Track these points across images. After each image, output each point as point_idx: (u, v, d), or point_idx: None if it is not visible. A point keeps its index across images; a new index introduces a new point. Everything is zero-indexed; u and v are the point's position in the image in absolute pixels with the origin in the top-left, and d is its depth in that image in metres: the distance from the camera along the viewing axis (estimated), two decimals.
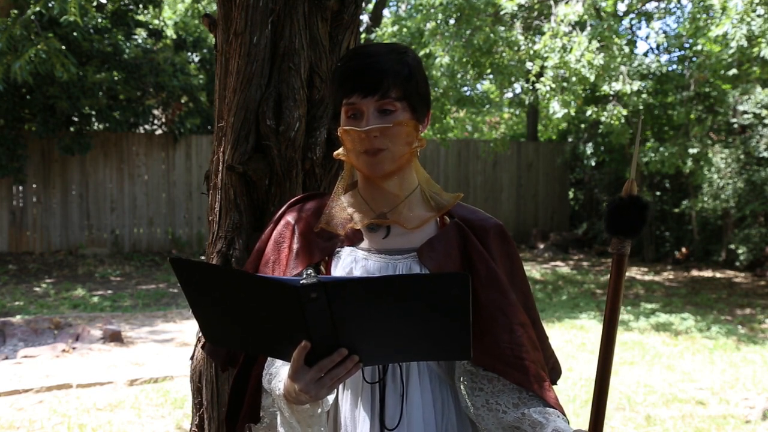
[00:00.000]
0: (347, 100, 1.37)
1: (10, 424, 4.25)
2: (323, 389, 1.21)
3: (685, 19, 10.43)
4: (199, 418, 2.06)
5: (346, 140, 1.39)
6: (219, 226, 2.02)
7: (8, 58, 8.11)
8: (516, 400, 1.38)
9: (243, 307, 1.21)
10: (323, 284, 1.13)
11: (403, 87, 1.37)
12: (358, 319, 1.17)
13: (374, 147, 1.36)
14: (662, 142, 10.83)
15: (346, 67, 1.39)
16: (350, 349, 1.20)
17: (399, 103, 1.37)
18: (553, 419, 1.34)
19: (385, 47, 1.41)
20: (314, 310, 1.14)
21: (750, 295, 9.05)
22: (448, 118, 11.23)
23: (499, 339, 1.38)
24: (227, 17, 2.03)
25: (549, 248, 13.11)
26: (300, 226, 1.48)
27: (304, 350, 1.19)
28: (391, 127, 1.36)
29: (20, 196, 11.42)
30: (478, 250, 1.43)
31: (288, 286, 1.14)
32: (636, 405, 4.75)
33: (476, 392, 1.40)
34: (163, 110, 12.39)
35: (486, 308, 1.39)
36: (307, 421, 1.33)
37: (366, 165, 1.38)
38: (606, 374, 1.36)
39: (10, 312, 7.48)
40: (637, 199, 1.29)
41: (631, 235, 1.31)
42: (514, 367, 1.37)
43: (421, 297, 1.15)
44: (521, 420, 1.35)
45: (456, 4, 9.66)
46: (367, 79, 1.35)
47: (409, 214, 1.44)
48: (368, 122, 1.35)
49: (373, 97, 1.35)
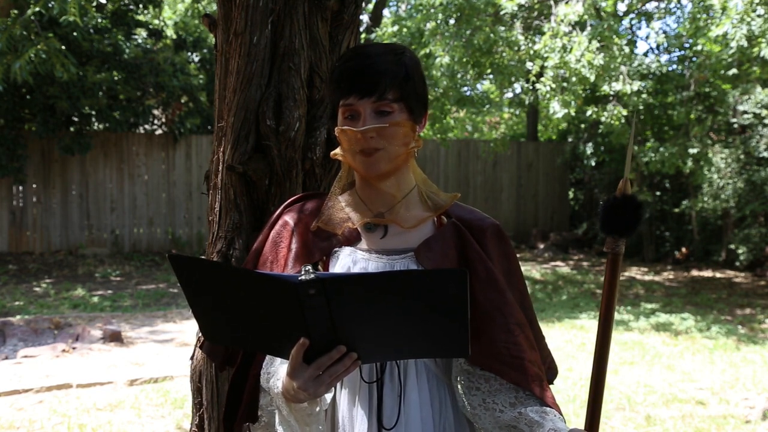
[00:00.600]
0: (344, 101, 1.38)
1: (10, 424, 4.25)
2: (322, 387, 1.22)
3: (685, 20, 10.43)
4: (199, 418, 2.06)
5: (343, 140, 1.39)
6: (219, 226, 2.02)
7: (8, 58, 8.11)
8: (513, 400, 1.38)
9: (242, 304, 1.21)
10: (322, 281, 1.13)
11: (400, 88, 1.37)
12: (356, 316, 1.17)
13: (370, 147, 1.36)
14: (662, 142, 10.83)
15: (343, 67, 1.39)
16: (349, 347, 1.20)
17: (396, 104, 1.37)
18: (551, 419, 1.34)
19: (382, 47, 1.41)
20: (313, 306, 1.14)
21: (750, 295, 9.05)
22: (448, 118, 11.23)
23: (496, 338, 1.38)
24: (227, 17, 2.03)
25: (549, 248, 13.12)
26: (298, 226, 1.48)
27: (302, 347, 1.19)
28: (387, 128, 1.36)
29: (20, 196, 11.42)
30: (475, 250, 1.43)
31: (287, 282, 1.14)
32: (636, 405, 4.75)
33: (473, 391, 1.40)
34: (163, 110, 12.39)
35: (483, 308, 1.39)
36: (305, 420, 1.34)
37: (362, 165, 1.38)
38: (601, 373, 1.37)
39: (10, 312, 7.49)
40: (631, 198, 1.29)
41: (625, 234, 1.32)
42: (510, 367, 1.37)
43: (419, 293, 1.15)
44: (518, 419, 1.36)
45: (456, 4, 9.66)
46: (365, 81, 1.35)
47: (406, 213, 1.44)
48: (365, 123, 1.36)
49: (370, 98, 1.35)
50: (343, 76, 1.38)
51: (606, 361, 1.38)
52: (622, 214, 1.30)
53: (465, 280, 1.12)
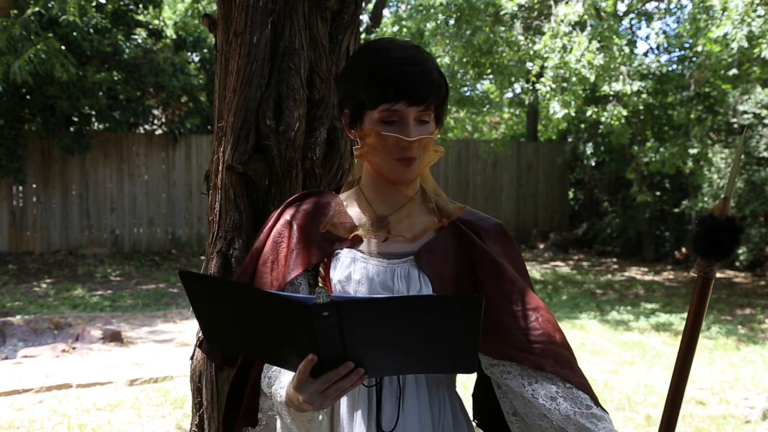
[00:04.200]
0: (390, 106, 1.34)
1: (10, 424, 4.25)
2: (327, 400, 1.22)
3: (686, 20, 10.43)
4: (199, 418, 2.06)
5: (378, 143, 1.37)
6: (219, 226, 2.02)
7: (8, 58, 8.11)
8: (552, 393, 1.36)
9: (251, 320, 1.22)
10: (336, 304, 1.13)
11: (439, 98, 1.38)
12: (367, 336, 1.17)
13: (413, 155, 1.36)
14: (662, 142, 10.82)
15: (389, 70, 1.34)
16: (356, 363, 1.20)
17: (433, 114, 1.38)
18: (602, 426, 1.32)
19: (414, 51, 1.38)
20: (325, 327, 1.14)
21: (750, 295, 9.05)
22: (448, 118, 11.23)
23: (512, 327, 1.37)
24: (227, 17, 2.03)
25: (549, 248, 13.11)
26: (299, 226, 1.47)
27: (310, 363, 1.19)
28: (429, 138, 1.37)
29: (20, 196, 11.42)
30: (479, 247, 1.42)
31: (302, 304, 1.14)
32: (636, 405, 4.75)
33: (509, 395, 1.40)
34: (163, 110, 12.39)
35: (495, 300, 1.38)
36: (306, 426, 1.34)
37: (398, 172, 1.38)
38: (678, 398, 1.34)
39: (10, 312, 7.48)
40: (732, 221, 1.25)
41: (721, 259, 1.27)
42: (531, 352, 1.36)
43: (433, 318, 1.15)
44: (567, 422, 1.34)
45: (456, 4, 9.66)
46: (417, 90, 1.33)
47: (410, 221, 1.44)
48: (411, 131, 1.34)
49: (419, 106, 1.34)
50: (392, 79, 1.33)
51: (684, 386, 1.33)
52: (719, 237, 1.25)
53: (480, 308, 1.13)
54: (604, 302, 8.53)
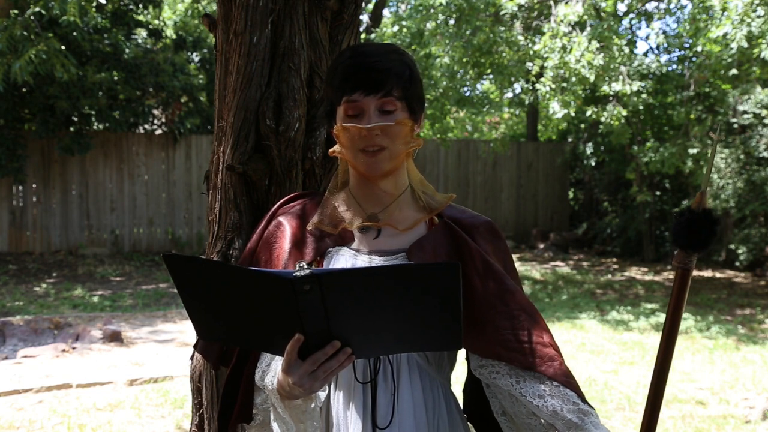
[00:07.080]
0: (348, 98, 1.37)
1: (10, 424, 4.25)
2: (317, 382, 1.22)
3: (686, 20, 10.43)
4: (199, 418, 2.06)
5: (344, 138, 1.39)
6: (219, 226, 2.02)
7: (8, 58, 8.11)
8: (540, 391, 1.37)
9: (236, 301, 1.22)
10: (317, 276, 1.13)
11: (404, 87, 1.38)
12: (351, 311, 1.18)
13: (375, 144, 1.36)
14: (662, 142, 10.83)
15: (347, 64, 1.39)
16: (343, 342, 1.21)
17: (399, 103, 1.38)
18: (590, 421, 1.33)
19: (383, 47, 1.42)
20: (308, 302, 1.15)
21: (750, 295, 9.05)
22: (448, 118, 11.24)
23: (500, 326, 1.38)
24: (227, 17, 2.03)
25: (549, 248, 13.11)
26: (291, 226, 1.49)
27: (297, 343, 1.20)
28: (393, 126, 1.36)
29: (20, 196, 11.42)
30: (470, 245, 1.43)
31: (282, 278, 1.14)
32: (636, 405, 4.75)
33: (499, 393, 1.41)
34: (163, 110, 12.39)
35: (484, 298, 1.39)
36: (299, 417, 1.34)
37: (365, 164, 1.39)
38: (659, 395, 1.35)
39: (10, 312, 7.48)
40: (709, 213, 1.27)
41: (699, 250, 1.29)
42: (519, 352, 1.37)
43: (413, 287, 1.16)
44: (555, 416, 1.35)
45: (456, 4, 9.67)
46: (371, 77, 1.35)
47: (400, 215, 1.45)
48: (370, 120, 1.36)
49: (375, 95, 1.36)
50: (348, 72, 1.37)
51: (665, 382, 1.35)
52: (697, 228, 1.28)
53: (457, 273, 1.14)
54: (604, 302, 8.53)
